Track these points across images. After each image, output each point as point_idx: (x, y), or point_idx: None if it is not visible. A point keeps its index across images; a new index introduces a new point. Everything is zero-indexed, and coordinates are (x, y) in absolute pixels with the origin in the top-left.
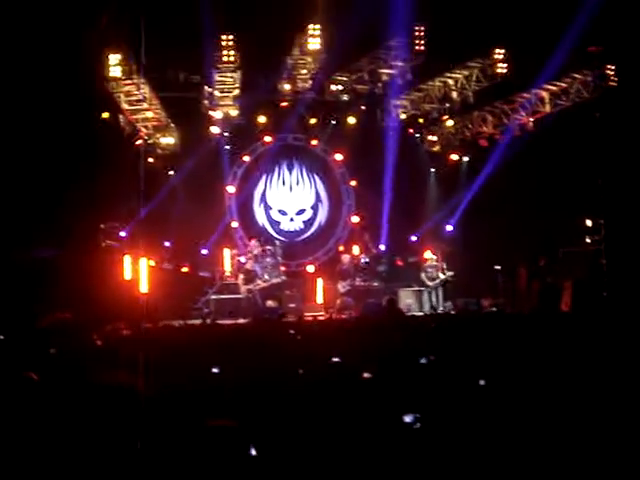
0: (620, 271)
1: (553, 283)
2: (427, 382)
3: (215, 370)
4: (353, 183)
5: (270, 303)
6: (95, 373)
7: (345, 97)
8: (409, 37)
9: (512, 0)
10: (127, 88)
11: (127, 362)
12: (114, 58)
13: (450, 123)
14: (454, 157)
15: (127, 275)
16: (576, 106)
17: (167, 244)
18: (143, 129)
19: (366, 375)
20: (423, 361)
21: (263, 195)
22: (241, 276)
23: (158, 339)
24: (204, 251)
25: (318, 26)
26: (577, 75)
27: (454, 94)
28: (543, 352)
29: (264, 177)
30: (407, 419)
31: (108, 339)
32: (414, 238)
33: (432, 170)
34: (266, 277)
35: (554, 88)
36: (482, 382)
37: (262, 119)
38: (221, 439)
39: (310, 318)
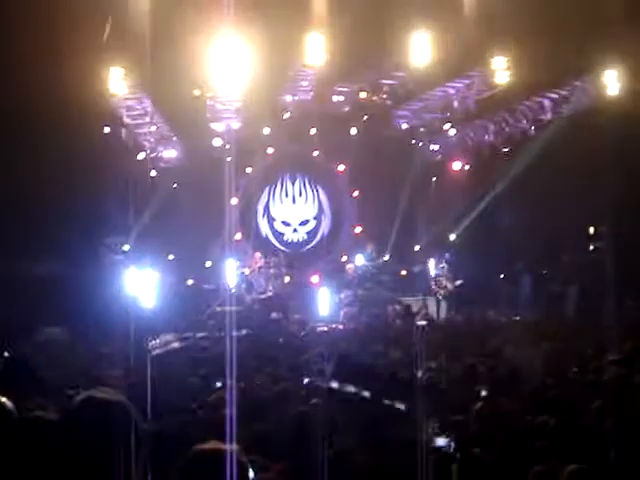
0: (624, 277)
1: (557, 290)
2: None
3: (218, 384)
4: (356, 193)
5: (274, 315)
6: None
7: (347, 108)
8: (410, 47)
9: (512, 8)
10: (129, 102)
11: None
12: (115, 73)
13: (452, 132)
14: (456, 166)
15: (131, 289)
16: (578, 113)
17: (171, 257)
18: (146, 143)
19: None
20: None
21: (266, 207)
22: (244, 286)
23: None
24: (208, 263)
25: (320, 37)
26: (578, 82)
27: (455, 103)
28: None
29: (267, 189)
30: (440, 443)
31: None
32: (417, 248)
33: (434, 179)
34: (270, 288)
35: (555, 96)
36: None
37: (264, 131)
38: (214, 464)
39: (318, 329)
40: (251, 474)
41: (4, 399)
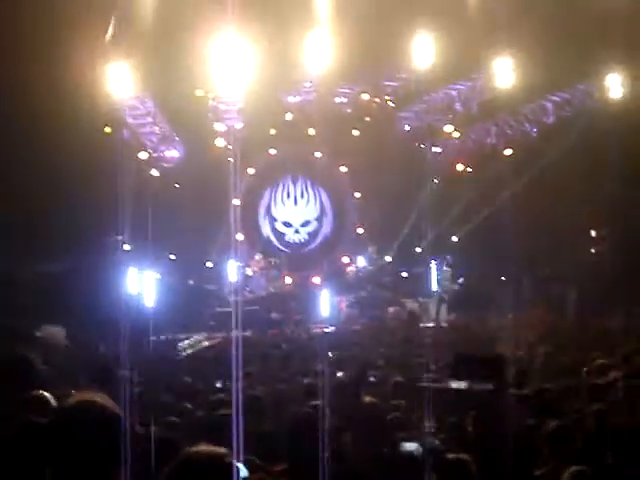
0: (625, 280)
1: (558, 292)
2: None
3: (218, 385)
4: (357, 195)
5: (275, 315)
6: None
7: (349, 109)
8: (413, 49)
9: (516, 11)
10: (131, 102)
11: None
12: (118, 73)
13: (455, 134)
14: (458, 168)
15: (133, 288)
16: (580, 116)
17: (172, 257)
18: (148, 143)
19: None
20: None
21: (268, 208)
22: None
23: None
24: (209, 264)
25: (322, 39)
26: (580, 86)
27: (458, 105)
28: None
29: (269, 190)
30: (408, 447)
31: None
32: (419, 249)
33: (436, 181)
34: (270, 289)
35: (558, 99)
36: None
37: (267, 132)
38: (202, 467)
39: (317, 330)
40: (244, 473)
41: (46, 394)
